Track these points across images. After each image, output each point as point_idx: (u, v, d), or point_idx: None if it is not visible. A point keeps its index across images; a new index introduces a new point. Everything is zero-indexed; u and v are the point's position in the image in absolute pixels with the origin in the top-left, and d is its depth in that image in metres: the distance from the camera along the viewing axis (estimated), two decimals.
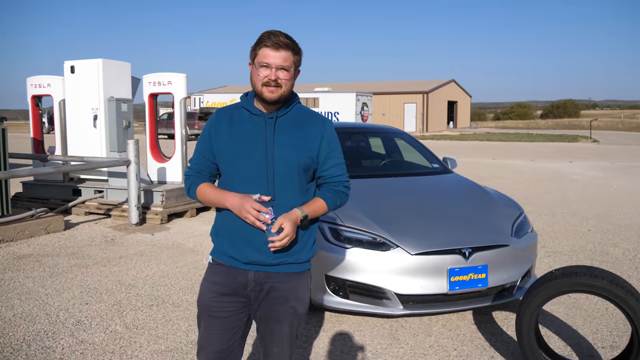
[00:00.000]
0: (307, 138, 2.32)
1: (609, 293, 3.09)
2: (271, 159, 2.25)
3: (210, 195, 2.31)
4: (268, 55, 2.20)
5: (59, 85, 9.24)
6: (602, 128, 48.48)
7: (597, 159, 19.08)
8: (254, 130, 2.28)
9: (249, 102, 2.33)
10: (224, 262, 2.32)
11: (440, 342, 4.00)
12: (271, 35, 2.22)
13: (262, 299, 2.31)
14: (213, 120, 2.37)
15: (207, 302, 2.33)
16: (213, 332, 2.34)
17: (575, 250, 6.57)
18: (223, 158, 2.31)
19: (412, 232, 4.19)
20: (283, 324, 2.32)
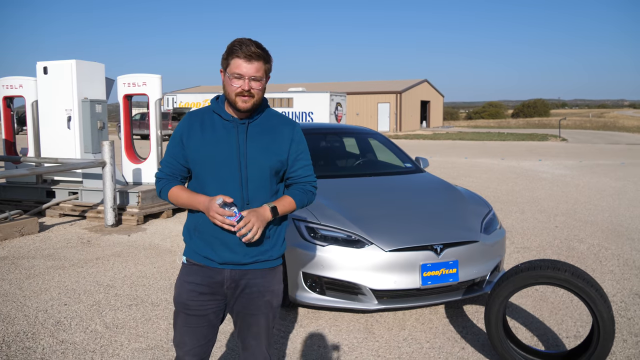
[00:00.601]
0: (277, 142, 2.41)
1: (570, 284, 3.27)
2: (244, 164, 2.34)
3: (183, 198, 2.39)
4: (241, 66, 2.27)
5: (31, 86, 9.16)
6: (571, 127, 49.55)
7: (565, 158, 19.57)
8: (226, 135, 2.36)
9: (221, 107, 2.40)
10: (200, 262, 2.40)
11: (413, 335, 4.15)
12: (242, 45, 2.27)
13: (239, 295, 2.42)
14: (185, 125, 2.42)
15: (184, 301, 2.41)
16: (191, 329, 2.43)
17: (543, 246, 6.80)
18: (196, 162, 2.38)
19: (386, 229, 4.33)
20: (259, 317, 2.44)
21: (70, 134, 8.70)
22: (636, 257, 6.28)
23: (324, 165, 6.14)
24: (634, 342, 4.02)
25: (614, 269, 5.83)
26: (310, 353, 3.85)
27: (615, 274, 5.63)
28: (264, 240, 2.40)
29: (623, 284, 5.31)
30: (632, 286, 5.26)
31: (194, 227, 2.42)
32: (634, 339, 4.06)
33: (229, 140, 2.35)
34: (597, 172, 14.90)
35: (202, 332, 2.44)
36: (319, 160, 6.22)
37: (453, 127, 54.25)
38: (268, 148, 2.39)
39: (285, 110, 32.83)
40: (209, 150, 2.35)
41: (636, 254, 6.38)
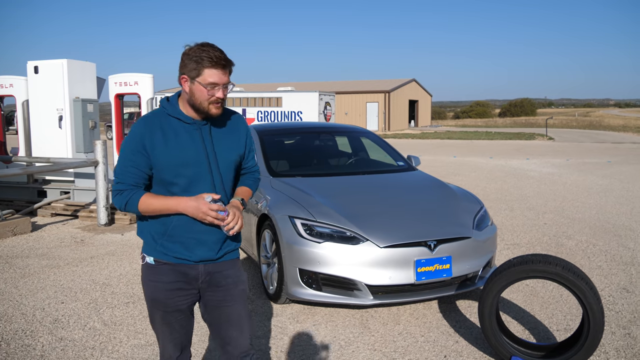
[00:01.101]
0: (237, 138, 2.51)
1: (561, 278, 3.36)
2: (215, 164, 2.39)
3: (156, 204, 2.33)
4: (214, 75, 2.27)
5: (22, 86, 9.14)
6: (558, 126, 50.00)
7: (553, 156, 19.78)
8: (190, 138, 2.36)
9: (178, 111, 2.38)
10: (171, 261, 2.40)
11: (408, 330, 4.23)
12: (210, 53, 2.26)
13: (214, 288, 2.47)
14: (144, 132, 2.33)
15: (162, 300, 2.42)
16: (171, 324, 2.48)
17: (532, 243, 6.92)
18: (163, 168, 2.33)
19: (381, 226, 4.41)
20: (239, 306, 2.50)
21: (62, 134, 8.70)
22: (623, 252, 6.41)
23: (318, 163, 6.22)
24: (622, 334, 4.13)
25: (601, 264, 5.95)
26: (307, 348, 3.92)
27: (603, 269, 5.75)
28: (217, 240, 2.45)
29: (611, 279, 5.43)
30: (619, 281, 5.38)
31: (162, 233, 2.39)
32: (622, 332, 4.17)
33: (194, 142, 2.36)
34: (583, 170, 15.10)
35: (181, 325, 2.50)
36: (313, 158, 6.30)
37: (441, 127, 54.55)
38: (231, 146, 2.47)
39: (274, 109, 32.85)
40: (176, 155, 2.32)
41: (623, 250, 6.52)
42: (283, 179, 5.34)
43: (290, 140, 6.54)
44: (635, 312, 4.56)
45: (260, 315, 4.50)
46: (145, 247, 2.46)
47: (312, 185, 5.13)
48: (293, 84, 42.40)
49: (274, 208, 4.73)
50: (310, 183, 5.22)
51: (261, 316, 4.49)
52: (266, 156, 5.75)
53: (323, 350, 3.88)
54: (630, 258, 6.17)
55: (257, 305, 4.73)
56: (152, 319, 2.51)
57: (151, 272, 2.44)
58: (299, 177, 5.42)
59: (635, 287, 5.18)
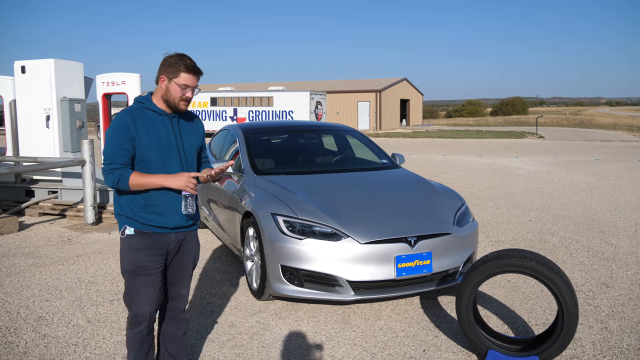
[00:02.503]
0: (197, 131, 3.16)
1: (536, 272, 3.43)
2: (182, 147, 3.02)
3: (143, 179, 2.86)
4: (188, 79, 2.91)
5: (9, 86, 9.14)
6: (548, 124, 50.28)
7: (542, 155, 19.92)
8: (164, 126, 2.97)
9: (152, 104, 2.98)
10: (151, 230, 2.95)
11: (389, 325, 4.29)
12: (187, 61, 2.90)
13: (178, 252, 3.10)
14: (128, 121, 2.88)
15: (142, 264, 2.94)
16: (148, 286, 2.98)
17: (517, 239, 6.99)
18: (148, 151, 2.90)
19: (362, 222, 4.46)
20: (190, 270, 3.20)
21: (49, 133, 8.70)
22: (605, 248, 6.49)
23: (303, 161, 6.26)
24: (600, 328, 4.20)
25: (583, 260, 6.03)
26: (289, 343, 3.97)
27: (584, 265, 5.83)
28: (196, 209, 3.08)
29: (591, 274, 5.51)
30: (600, 276, 5.46)
31: (142, 205, 2.93)
32: (599, 326, 4.25)
33: (167, 130, 2.97)
34: (572, 168, 15.23)
35: (157, 286, 3.02)
36: (298, 157, 6.34)
37: (433, 126, 54.71)
38: (194, 134, 3.12)
39: (265, 109, 32.86)
40: (155, 139, 2.92)
41: (605, 246, 6.60)
42: (267, 177, 5.38)
43: (276, 139, 6.58)
44: (613, 307, 4.63)
45: (243, 312, 4.55)
46: (125, 220, 2.97)
47: (296, 183, 5.17)
48: (284, 83, 42.41)
49: (257, 205, 4.77)
50: (293, 181, 5.27)
51: (244, 312, 4.53)
52: (250, 154, 5.79)
53: (305, 346, 3.93)
54: (612, 254, 6.26)
55: (240, 302, 4.77)
56: (130, 284, 2.99)
57: (131, 242, 2.96)
58: (283, 175, 5.46)
59: (615, 283, 5.26)
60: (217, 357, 3.76)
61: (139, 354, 3.08)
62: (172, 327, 3.23)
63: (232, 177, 5.77)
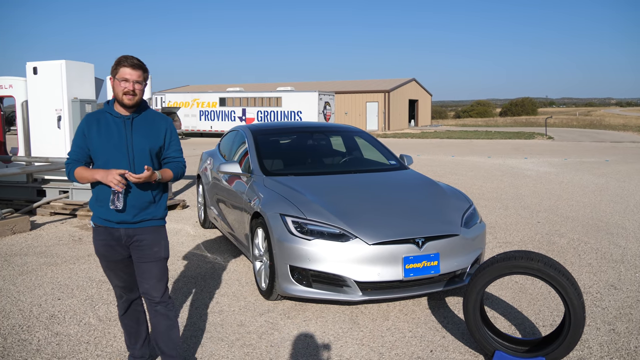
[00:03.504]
0: (155, 131, 3.24)
1: (543, 274, 3.45)
2: (131, 149, 3.14)
3: (84, 173, 3.12)
4: (126, 73, 3.08)
5: (21, 87, 9.23)
6: (558, 125, 50.04)
7: (551, 156, 19.85)
8: (116, 128, 3.15)
9: (111, 108, 3.19)
10: (101, 224, 3.20)
11: (397, 325, 4.32)
12: (128, 58, 3.10)
13: (134, 248, 3.24)
14: (84, 124, 3.17)
15: (102, 253, 3.26)
16: (112, 271, 3.31)
17: (525, 241, 7.00)
18: (96, 150, 3.13)
19: (370, 223, 4.49)
20: (150, 266, 3.26)
21: (61, 134, 8.79)
22: (614, 250, 6.49)
23: (311, 162, 6.30)
24: (607, 329, 4.21)
25: (591, 261, 6.03)
26: (297, 343, 4.01)
27: (592, 267, 5.83)
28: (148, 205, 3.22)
29: (599, 276, 5.52)
30: (607, 278, 5.46)
31: (95, 199, 3.20)
32: (606, 327, 4.26)
33: (119, 131, 3.14)
34: (581, 169, 15.17)
35: (122, 270, 3.31)
36: (306, 158, 6.39)
37: (441, 126, 54.60)
38: (148, 135, 3.20)
39: (274, 109, 32.94)
40: (104, 140, 3.12)
41: (614, 248, 6.60)
42: (276, 177, 5.43)
43: (284, 139, 6.63)
44: (621, 309, 4.64)
45: (252, 311, 4.60)
46: (92, 216, 3.26)
47: (304, 184, 5.22)
48: (293, 84, 42.50)
49: (266, 206, 4.82)
50: (302, 182, 5.31)
51: (253, 312, 4.58)
52: (259, 155, 5.84)
53: (313, 345, 3.97)
54: (621, 256, 6.25)
55: (249, 302, 4.82)
56: (102, 267, 3.35)
57: (94, 233, 3.28)
58: (292, 176, 5.51)
59: (623, 284, 5.26)
60: (226, 355, 3.81)
61: (126, 323, 3.48)
62: (155, 322, 3.36)
63: (241, 177, 5.82)
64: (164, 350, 3.38)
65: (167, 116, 3.36)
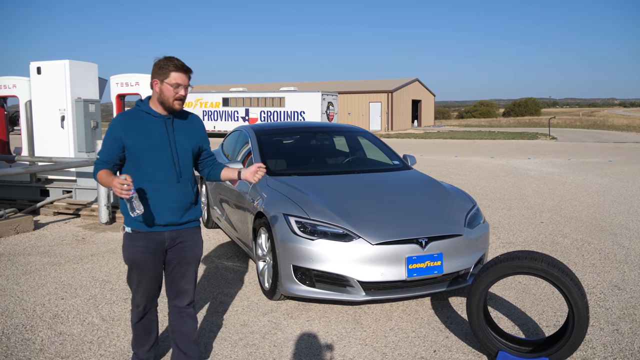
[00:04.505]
0: (194, 130, 3.25)
1: (546, 274, 3.44)
2: (175, 149, 3.12)
3: (104, 177, 3.00)
4: (179, 78, 3.03)
5: (24, 86, 9.26)
6: (561, 125, 49.93)
7: (554, 156, 19.81)
8: (157, 128, 3.09)
9: (149, 107, 3.12)
10: (143, 229, 3.09)
11: (400, 325, 4.31)
12: (176, 61, 3.03)
13: (175, 250, 3.19)
14: (120, 124, 3.07)
15: (138, 262, 3.14)
16: (145, 282, 3.20)
17: (528, 241, 6.98)
18: (138, 151, 3.04)
19: (373, 223, 4.49)
20: (191, 267, 3.27)
21: (64, 134, 8.81)
22: (617, 251, 6.47)
23: (314, 162, 6.30)
24: (611, 330, 4.20)
25: (595, 262, 6.02)
26: (300, 343, 4.01)
27: (596, 267, 5.82)
28: (190, 205, 3.20)
29: (603, 277, 5.50)
30: (611, 278, 5.45)
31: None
32: (610, 327, 4.25)
33: (159, 131, 3.08)
34: (584, 169, 15.14)
35: (153, 280, 3.22)
36: (310, 158, 6.39)
37: (444, 126, 54.54)
38: (189, 134, 3.20)
39: (277, 109, 32.96)
40: (146, 140, 3.04)
41: (617, 248, 6.58)
42: (279, 177, 5.43)
43: (288, 139, 6.63)
44: (624, 309, 4.63)
45: (255, 311, 4.60)
46: (126, 219, 3.13)
47: (308, 184, 5.21)
48: (296, 84, 42.51)
49: (269, 206, 4.82)
50: (305, 182, 5.31)
51: (256, 312, 4.58)
52: (263, 155, 5.84)
53: (316, 345, 3.97)
54: (625, 256, 6.24)
55: (252, 301, 4.82)
56: (129, 275, 3.22)
57: (129, 239, 3.14)
58: (295, 176, 5.51)
59: (626, 285, 5.25)
60: (229, 355, 3.81)
61: (138, 329, 3.37)
62: (180, 324, 3.33)
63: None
64: (186, 351, 3.35)
65: (197, 115, 3.37)
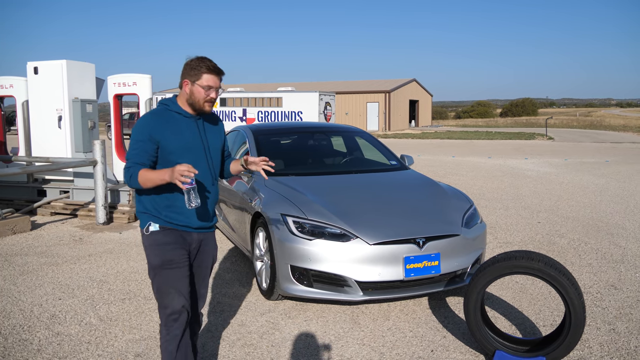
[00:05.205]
0: (220, 130, 3.23)
1: (543, 274, 3.45)
2: (207, 148, 3.08)
3: (151, 175, 2.83)
4: (211, 80, 2.93)
5: (21, 86, 9.24)
6: (558, 126, 50.02)
7: (551, 156, 19.85)
8: (189, 128, 3.01)
9: (178, 106, 3.02)
10: (175, 227, 2.99)
11: (397, 325, 4.32)
12: (208, 63, 2.93)
13: (198, 252, 3.13)
14: (152, 123, 2.92)
15: (170, 257, 2.94)
16: (181, 279, 2.96)
17: (525, 241, 7.00)
18: (171, 150, 2.93)
19: (371, 223, 4.50)
20: (209, 270, 3.24)
21: (61, 134, 8.80)
22: (614, 250, 6.49)
23: (312, 163, 6.31)
24: (607, 329, 4.22)
25: (592, 262, 6.03)
26: (298, 343, 4.01)
27: (593, 267, 5.84)
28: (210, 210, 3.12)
29: (600, 276, 5.52)
30: (608, 278, 5.46)
31: (166, 205, 2.97)
32: (607, 327, 4.26)
33: (191, 132, 3.02)
34: (581, 169, 15.17)
35: (187, 281, 3.00)
36: (307, 158, 6.39)
37: (442, 127, 54.59)
38: (217, 135, 3.19)
39: (274, 109, 32.93)
40: (180, 140, 2.96)
41: (614, 248, 6.60)
42: (277, 177, 5.43)
43: (285, 140, 6.63)
44: (621, 309, 4.64)
45: (253, 311, 4.60)
46: (148, 218, 2.99)
47: (305, 184, 5.22)
48: (293, 84, 42.49)
49: (267, 206, 4.82)
50: (303, 182, 5.31)
51: (254, 312, 4.59)
52: (260, 155, 5.84)
53: (313, 345, 3.98)
54: (621, 256, 6.26)
55: (250, 301, 4.82)
56: (160, 282, 2.94)
57: (158, 237, 2.97)
58: (293, 176, 5.51)
59: (623, 284, 5.27)
60: (227, 355, 3.81)
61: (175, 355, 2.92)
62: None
63: (242, 177, 5.83)
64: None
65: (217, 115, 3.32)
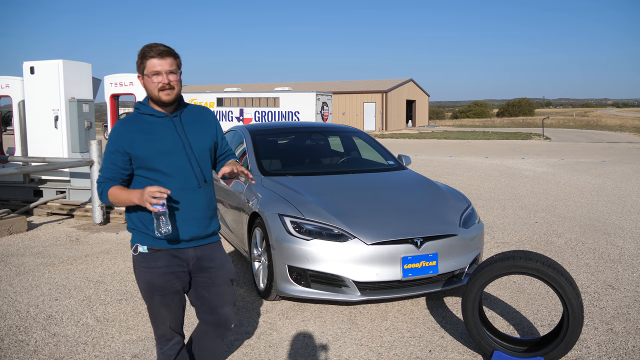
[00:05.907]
0: (207, 127, 2.79)
1: (541, 273, 3.45)
2: (190, 149, 2.65)
3: (120, 196, 2.57)
4: (157, 65, 2.54)
5: (18, 86, 9.21)
6: (555, 126, 50.10)
7: (548, 156, 19.87)
8: (164, 130, 2.63)
9: (150, 108, 2.65)
10: (164, 247, 2.64)
11: (395, 325, 4.31)
12: (152, 47, 2.56)
13: (203, 270, 2.74)
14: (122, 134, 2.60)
15: (158, 284, 2.64)
16: (170, 307, 2.71)
17: (522, 241, 7.00)
18: (145, 158, 2.58)
19: (368, 223, 4.49)
20: (224, 288, 2.80)
21: (58, 134, 8.77)
22: (611, 250, 6.50)
23: (309, 163, 6.30)
24: (605, 329, 4.22)
25: (589, 262, 6.04)
26: (295, 343, 4.00)
27: (590, 267, 5.84)
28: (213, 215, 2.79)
29: (597, 276, 5.52)
30: (605, 278, 5.46)
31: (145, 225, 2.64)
32: (604, 327, 4.26)
33: (169, 134, 2.63)
34: (578, 169, 15.19)
35: (177, 305, 2.74)
36: (305, 158, 6.38)
37: (439, 126, 54.64)
38: (203, 132, 2.75)
39: (271, 109, 32.91)
40: (155, 145, 2.59)
41: (611, 248, 6.60)
42: (274, 177, 5.42)
43: (282, 140, 6.62)
44: (618, 309, 4.64)
45: (250, 312, 4.59)
46: (138, 236, 2.68)
47: (303, 184, 5.21)
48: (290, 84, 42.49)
49: (264, 206, 4.81)
50: (300, 182, 5.30)
51: (251, 312, 4.57)
52: (258, 155, 5.83)
53: (311, 345, 3.97)
54: (618, 256, 6.26)
55: (247, 302, 4.81)
56: (150, 304, 2.71)
57: (146, 260, 2.66)
58: (290, 176, 5.50)
59: (620, 284, 5.27)
60: (225, 356, 3.80)
61: None
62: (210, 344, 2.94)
63: (240, 178, 5.81)
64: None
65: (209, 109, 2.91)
